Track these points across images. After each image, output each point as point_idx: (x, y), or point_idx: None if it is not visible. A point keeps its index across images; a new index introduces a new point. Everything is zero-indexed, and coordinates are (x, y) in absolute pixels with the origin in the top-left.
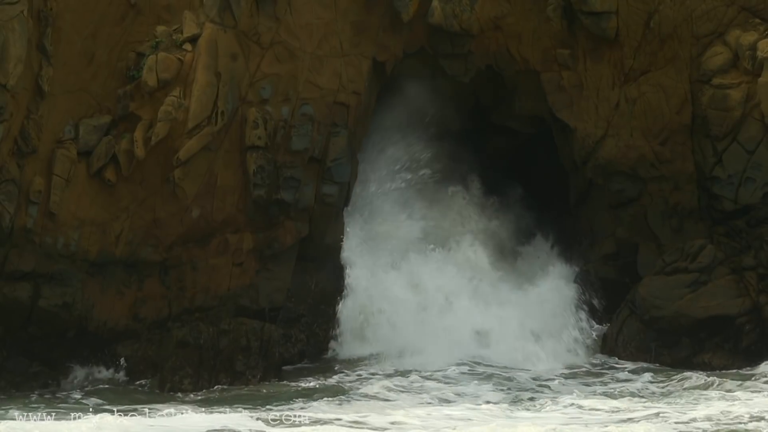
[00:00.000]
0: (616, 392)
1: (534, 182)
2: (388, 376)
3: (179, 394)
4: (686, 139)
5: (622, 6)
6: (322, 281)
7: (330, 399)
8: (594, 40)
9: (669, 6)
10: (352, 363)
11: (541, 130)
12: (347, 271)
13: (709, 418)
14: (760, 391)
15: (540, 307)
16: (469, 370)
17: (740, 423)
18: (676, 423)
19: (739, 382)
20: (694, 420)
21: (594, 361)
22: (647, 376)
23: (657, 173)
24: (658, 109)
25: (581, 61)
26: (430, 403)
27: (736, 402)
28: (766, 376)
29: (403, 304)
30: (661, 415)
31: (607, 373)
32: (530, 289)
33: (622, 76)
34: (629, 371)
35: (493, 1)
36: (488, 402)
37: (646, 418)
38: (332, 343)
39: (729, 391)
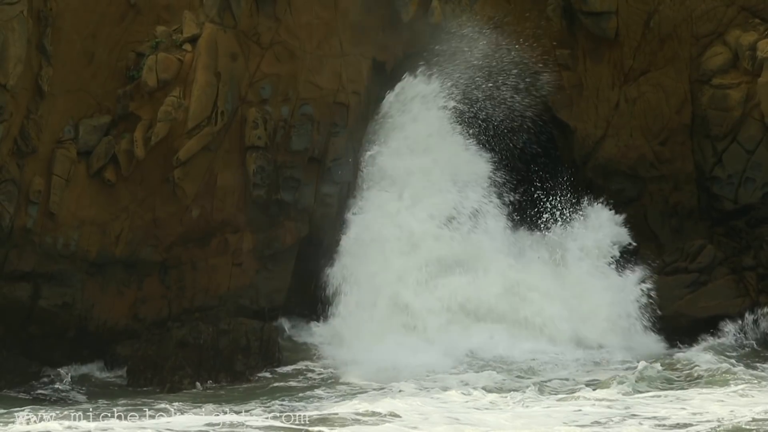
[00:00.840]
0: (613, 388)
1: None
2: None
3: (179, 394)
4: (686, 139)
5: (622, 6)
6: (322, 281)
7: (330, 391)
8: (594, 40)
9: (669, 6)
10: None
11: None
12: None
13: (710, 417)
14: (761, 390)
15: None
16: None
17: (740, 422)
18: (672, 423)
19: (740, 380)
20: (693, 420)
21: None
22: (648, 371)
23: (657, 173)
24: (658, 109)
25: (581, 61)
26: (428, 390)
27: (736, 399)
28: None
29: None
30: (656, 413)
31: (607, 371)
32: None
33: (621, 76)
34: (629, 367)
35: (493, 1)
36: (484, 391)
37: (640, 415)
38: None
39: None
